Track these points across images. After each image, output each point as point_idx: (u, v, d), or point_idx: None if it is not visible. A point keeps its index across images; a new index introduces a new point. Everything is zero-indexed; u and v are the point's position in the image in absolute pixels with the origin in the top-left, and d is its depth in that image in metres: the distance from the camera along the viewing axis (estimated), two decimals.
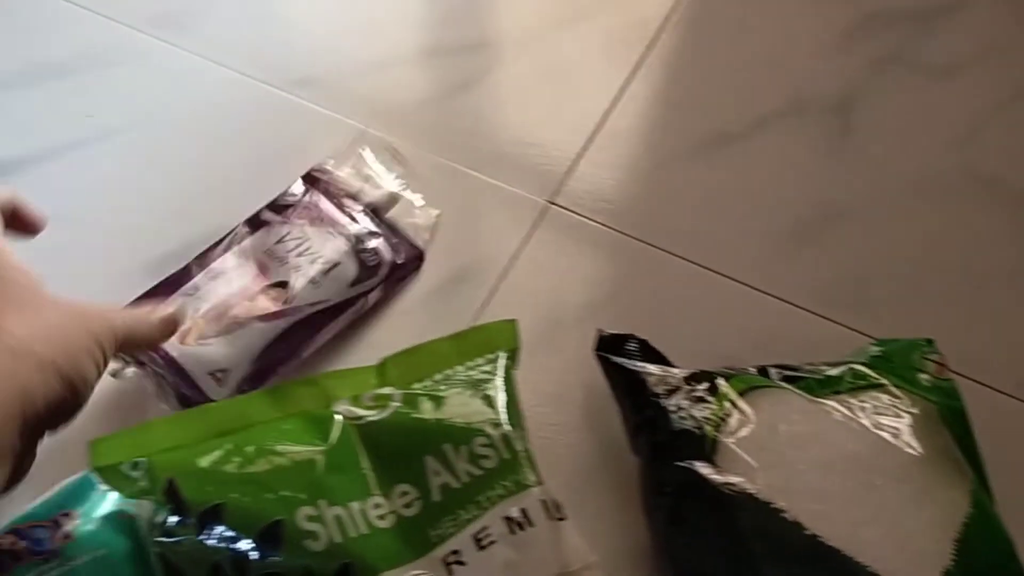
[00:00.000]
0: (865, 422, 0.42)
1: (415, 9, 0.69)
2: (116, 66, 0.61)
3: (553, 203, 0.58)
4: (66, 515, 0.39)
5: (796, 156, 0.62)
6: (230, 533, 0.37)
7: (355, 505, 0.38)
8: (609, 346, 0.47)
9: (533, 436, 0.46)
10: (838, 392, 0.43)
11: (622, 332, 0.48)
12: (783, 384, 0.44)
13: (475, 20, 0.68)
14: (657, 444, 0.43)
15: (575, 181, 0.59)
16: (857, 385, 0.44)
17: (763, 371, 0.46)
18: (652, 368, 0.45)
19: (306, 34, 0.66)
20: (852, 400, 0.43)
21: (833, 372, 0.45)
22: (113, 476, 0.38)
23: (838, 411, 0.42)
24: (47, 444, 0.45)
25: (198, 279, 0.49)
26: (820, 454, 0.41)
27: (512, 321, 0.46)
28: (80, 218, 0.54)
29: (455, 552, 0.38)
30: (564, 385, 0.50)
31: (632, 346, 0.47)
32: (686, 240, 0.57)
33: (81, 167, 0.56)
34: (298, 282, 0.50)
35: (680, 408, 0.43)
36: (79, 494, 0.40)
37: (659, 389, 0.44)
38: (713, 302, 0.54)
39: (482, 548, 0.38)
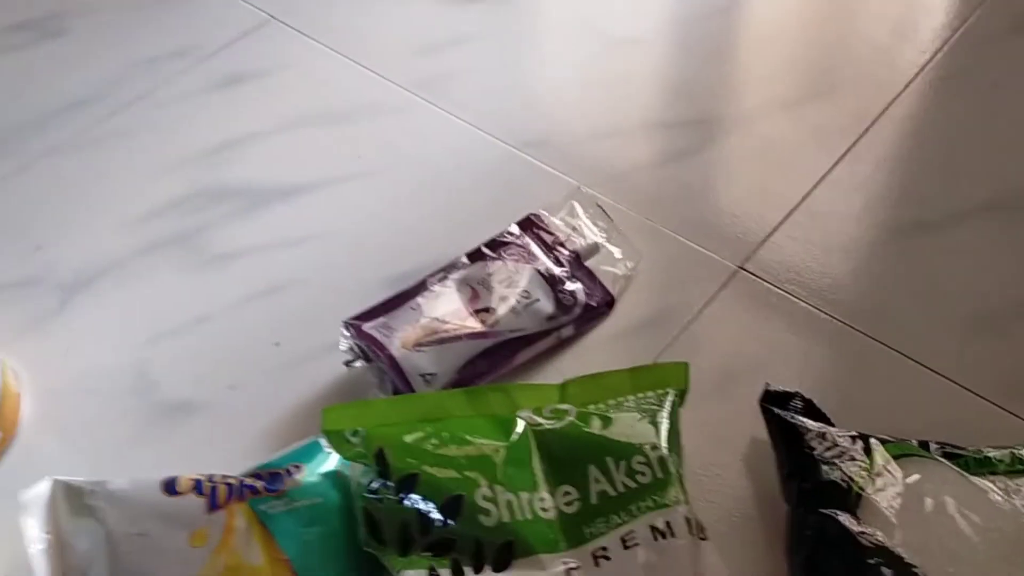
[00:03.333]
0: (1017, 503, 0.43)
1: (646, 88, 0.76)
2: (384, 117, 0.73)
3: (743, 268, 0.62)
4: (296, 467, 0.48)
5: (994, 249, 0.62)
6: (420, 499, 0.44)
7: (524, 495, 0.45)
8: (774, 399, 0.51)
9: (694, 474, 0.51)
10: (994, 472, 0.45)
11: (790, 390, 0.52)
12: (939, 458, 0.46)
13: (699, 100, 0.75)
14: (804, 491, 0.46)
15: (767, 252, 0.63)
16: (1015, 469, 0.45)
17: (923, 444, 0.48)
18: (811, 423, 0.48)
19: (544, 103, 0.75)
20: (1008, 482, 0.44)
21: (993, 454, 0.46)
22: (337, 440, 0.47)
23: (991, 489, 0.44)
24: (292, 413, 0.55)
25: (422, 297, 0.58)
26: (963, 524, 0.42)
27: (684, 364, 0.51)
28: (337, 237, 0.65)
29: (603, 548, 0.43)
30: (729, 432, 0.54)
31: (797, 403, 0.51)
32: (869, 317, 0.59)
33: (345, 197, 0.68)
34: (502, 310, 0.57)
35: (831, 461, 0.46)
36: (308, 453, 0.49)
37: (814, 442, 0.47)
38: (888, 378, 0.56)
39: (627, 548, 0.43)
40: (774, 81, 0.76)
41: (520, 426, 0.48)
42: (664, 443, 0.47)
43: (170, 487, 0.46)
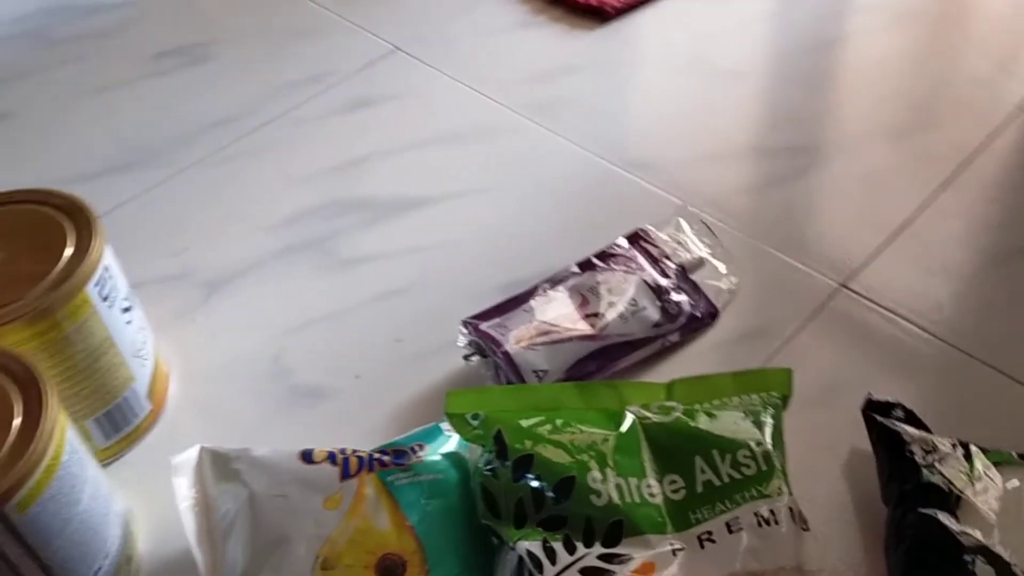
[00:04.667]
0: None
1: (750, 116, 0.80)
2: (499, 139, 0.78)
3: (845, 287, 0.64)
4: (420, 446, 0.52)
5: None
6: (535, 478, 0.47)
7: (632, 480, 0.47)
8: (876, 408, 0.53)
9: (794, 477, 0.53)
10: None
11: (892, 400, 0.53)
12: None
13: (803, 128, 0.77)
14: (904, 492, 0.47)
15: (869, 272, 0.65)
16: None
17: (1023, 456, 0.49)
18: (912, 430, 0.50)
19: (650, 128, 0.79)
20: None
21: None
22: (458, 422, 0.51)
23: None
24: (413, 402, 0.59)
25: (534, 301, 0.62)
26: None
27: (788, 370, 0.53)
28: (454, 246, 0.70)
29: (708, 532, 0.46)
30: (830, 441, 0.56)
31: (898, 412, 0.52)
32: (971, 338, 0.60)
33: (462, 211, 0.72)
34: (610, 315, 0.61)
35: (932, 465, 0.47)
36: (430, 435, 0.53)
37: (915, 447, 0.49)
38: (989, 396, 0.57)
39: (731, 533, 0.45)
40: (877, 112, 0.78)
41: (629, 419, 0.50)
42: (769, 440, 0.49)
43: (307, 457, 0.51)
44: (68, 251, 0.52)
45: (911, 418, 0.52)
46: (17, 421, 0.45)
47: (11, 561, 0.44)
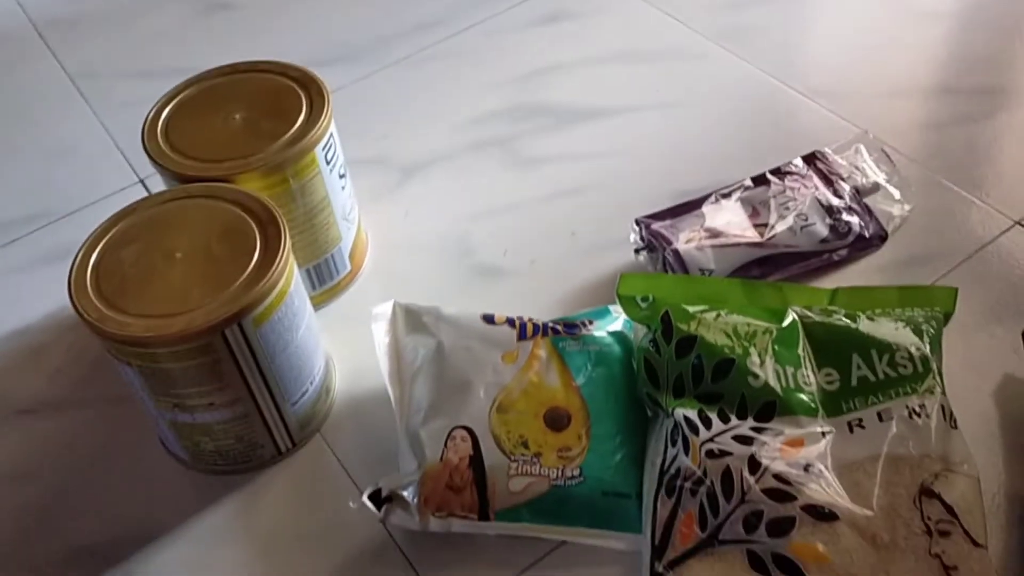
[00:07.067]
0: None
1: (941, 57, 0.79)
2: (684, 60, 0.81)
3: (1020, 224, 0.64)
4: (589, 322, 0.57)
5: None
6: (696, 357, 0.51)
7: (789, 368, 0.51)
8: None
9: (950, 394, 0.54)
10: None
11: None
12: None
13: (994, 72, 0.76)
14: None
15: None
16: None
17: None
18: None
19: (838, 60, 0.79)
20: None
21: None
22: (628, 303, 0.55)
23: None
24: (582, 288, 0.64)
25: (706, 207, 0.66)
26: None
27: (954, 289, 0.55)
28: (632, 155, 0.73)
29: (859, 419, 0.48)
30: (986, 365, 0.57)
31: None
32: None
33: (642, 123, 0.76)
34: (779, 227, 0.63)
35: None
36: (599, 315, 0.58)
37: None
38: None
39: (881, 421, 0.48)
40: None
41: (791, 316, 0.53)
42: (927, 347, 0.51)
43: (488, 319, 0.57)
44: (301, 117, 0.59)
45: None
46: (258, 252, 0.52)
47: (242, 370, 0.52)
